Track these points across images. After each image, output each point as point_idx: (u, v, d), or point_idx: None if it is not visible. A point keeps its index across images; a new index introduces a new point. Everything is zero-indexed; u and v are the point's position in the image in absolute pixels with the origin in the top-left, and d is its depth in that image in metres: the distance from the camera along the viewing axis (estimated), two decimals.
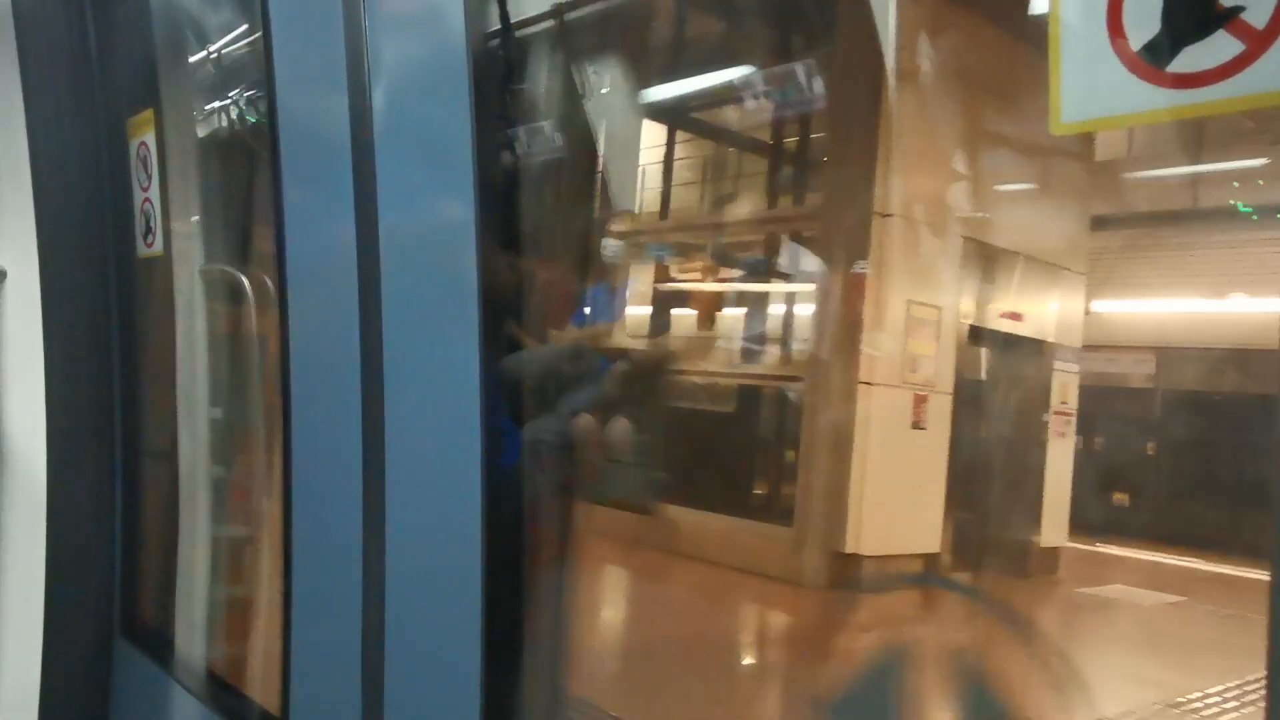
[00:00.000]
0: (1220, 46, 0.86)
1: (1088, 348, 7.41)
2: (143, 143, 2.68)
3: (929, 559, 5.77)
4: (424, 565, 1.77)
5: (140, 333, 2.86)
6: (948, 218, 5.84)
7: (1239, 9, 0.85)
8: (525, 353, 1.96)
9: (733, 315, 8.26)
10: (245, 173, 2.75)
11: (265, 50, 2.05)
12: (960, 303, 6.29)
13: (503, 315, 1.83)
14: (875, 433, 5.92)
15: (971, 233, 6.07)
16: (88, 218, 2.83)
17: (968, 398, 6.37)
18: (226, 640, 2.70)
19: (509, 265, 1.90)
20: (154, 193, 2.65)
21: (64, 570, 2.76)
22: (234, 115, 2.75)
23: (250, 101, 2.66)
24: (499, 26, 2.00)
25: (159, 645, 2.73)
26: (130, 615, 2.90)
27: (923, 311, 6.05)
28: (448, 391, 1.72)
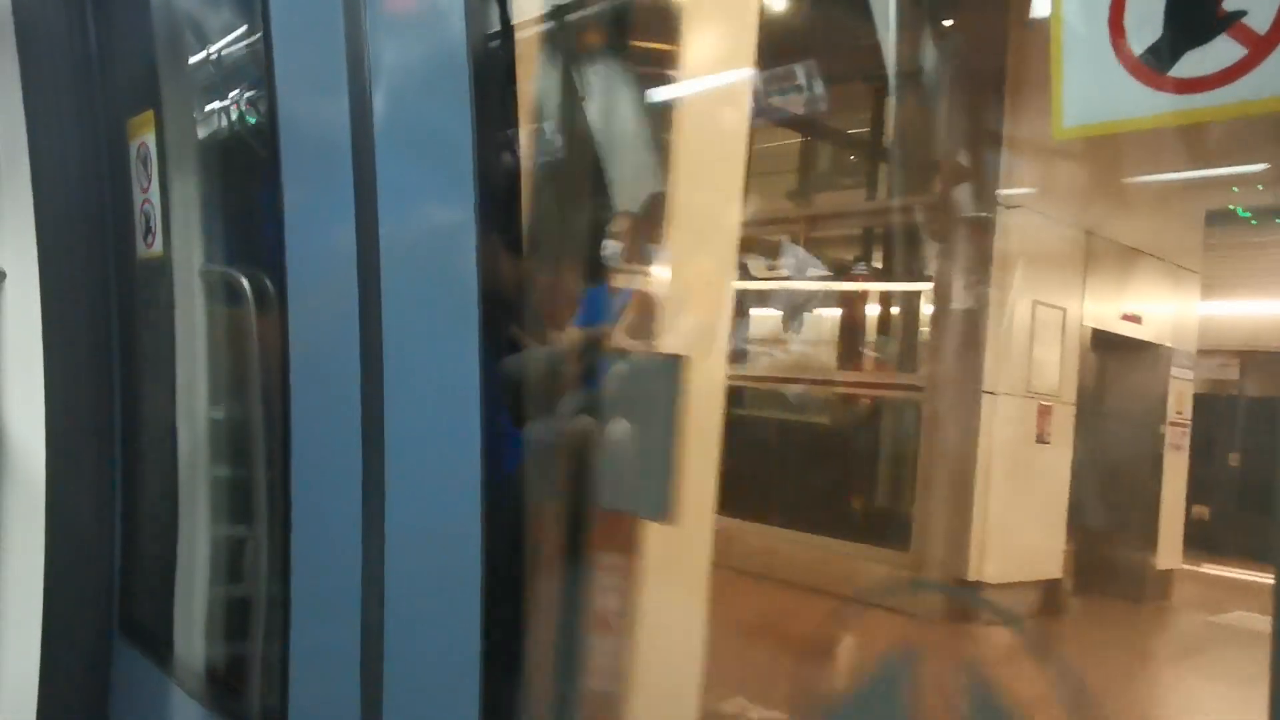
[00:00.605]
0: (1222, 51, 0.86)
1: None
2: (143, 143, 2.68)
3: (1050, 586, 5.21)
4: (423, 566, 1.77)
5: (140, 333, 2.86)
6: (1071, 209, 5.46)
7: (1240, 13, 0.85)
8: None
9: (829, 317, 7.58)
10: (246, 174, 2.75)
11: (266, 51, 2.05)
12: (1082, 304, 5.71)
13: (503, 316, 1.83)
14: (999, 448, 5.28)
15: (1093, 227, 5.54)
16: (88, 218, 2.83)
17: (1088, 408, 5.79)
18: (225, 640, 2.70)
19: None
20: (154, 193, 2.65)
21: (63, 569, 2.76)
22: (234, 116, 2.75)
23: (251, 102, 2.66)
24: (499, 27, 2.00)
25: (158, 644, 2.73)
26: (129, 614, 2.90)
27: (1047, 313, 5.53)
28: (447, 393, 1.72)
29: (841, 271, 7.76)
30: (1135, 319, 6.32)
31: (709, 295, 1.98)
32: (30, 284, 2.71)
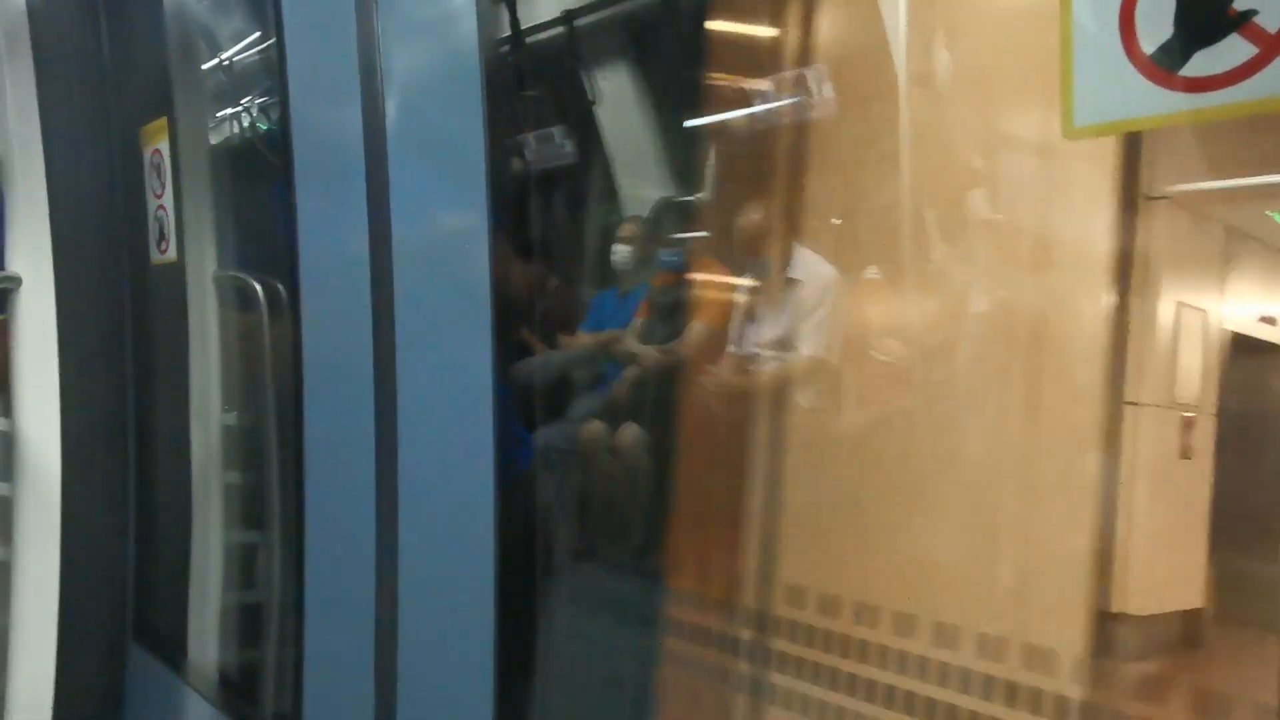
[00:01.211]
0: (1233, 50, 0.86)
1: None
2: (156, 150, 2.70)
3: (1192, 616, 5.10)
4: (437, 570, 1.78)
5: (154, 338, 2.87)
6: (1210, 201, 5.32)
7: (1251, 13, 0.85)
8: None
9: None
10: (259, 180, 2.76)
11: (279, 58, 2.06)
12: (1222, 305, 5.58)
13: (514, 320, 1.83)
14: (1142, 464, 5.21)
15: (1230, 220, 5.51)
16: (102, 225, 2.85)
17: (1227, 420, 5.65)
18: (240, 644, 2.71)
19: None
20: (168, 199, 2.67)
21: (78, 574, 2.77)
22: (247, 123, 2.77)
23: (264, 109, 2.68)
24: (511, 34, 2.02)
25: (172, 649, 2.74)
26: (144, 619, 2.91)
27: (1191, 316, 5.38)
28: (460, 395, 1.72)
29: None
30: (1272, 321, 6.17)
31: None
32: (46, 290, 2.73)
